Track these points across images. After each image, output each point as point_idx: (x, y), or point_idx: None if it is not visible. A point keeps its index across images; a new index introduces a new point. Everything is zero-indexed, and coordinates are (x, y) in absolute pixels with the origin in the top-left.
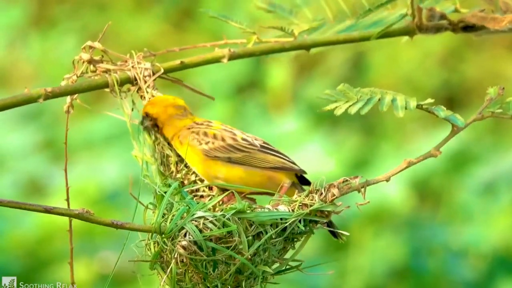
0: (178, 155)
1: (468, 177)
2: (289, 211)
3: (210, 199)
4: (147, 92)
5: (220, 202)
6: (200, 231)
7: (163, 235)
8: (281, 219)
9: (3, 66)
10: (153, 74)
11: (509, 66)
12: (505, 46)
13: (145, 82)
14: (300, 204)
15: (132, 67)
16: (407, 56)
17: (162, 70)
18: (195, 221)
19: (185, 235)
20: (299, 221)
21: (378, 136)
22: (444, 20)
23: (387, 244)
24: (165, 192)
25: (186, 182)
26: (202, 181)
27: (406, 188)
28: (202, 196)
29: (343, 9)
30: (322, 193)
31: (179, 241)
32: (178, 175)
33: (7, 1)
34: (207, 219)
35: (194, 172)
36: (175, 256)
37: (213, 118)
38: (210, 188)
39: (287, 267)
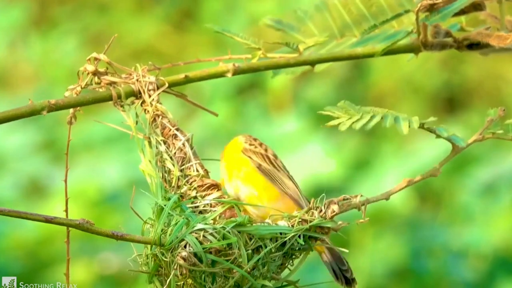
0: (180, 170)
1: (469, 178)
2: (289, 226)
3: (209, 215)
4: (151, 105)
5: (222, 216)
6: (200, 243)
7: (162, 247)
8: (280, 233)
9: (3, 67)
10: (158, 88)
11: (510, 67)
12: None
13: (150, 96)
14: (300, 219)
15: (137, 80)
16: (407, 57)
17: (167, 85)
18: (195, 233)
19: (185, 247)
20: (299, 237)
21: (378, 137)
22: (449, 38)
23: (388, 245)
24: (165, 205)
25: (186, 198)
26: (202, 197)
27: (406, 189)
28: (201, 212)
29: (348, 23)
30: (322, 210)
31: (179, 252)
32: (179, 191)
33: (8, 2)
34: (207, 231)
35: (195, 188)
36: (175, 267)
37: (214, 119)
38: (211, 206)
39: (284, 283)
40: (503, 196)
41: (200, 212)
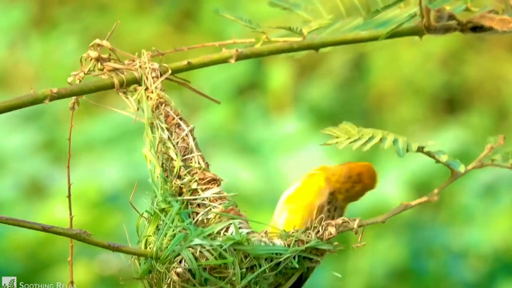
0: (182, 160)
1: (469, 179)
2: (285, 245)
3: (208, 209)
4: (154, 92)
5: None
6: (196, 259)
7: (158, 260)
8: (276, 254)
9: (3, 67)
10: (161, 75)
11: (510, 67)
12: (505, 47)
13: (153, 82)
14: (297, 239)
15: (140, 66)
16: (408, 58)
17: (170, 71)
18: (192, 248)
19: (180, 262)
20: (293, 257)
21: None
22: (453, 21)
23: (388, 245)
24: (163, 209)
25: (185, 190)
26: (203, 190)
27: (406, 190)
28: (199, 206)
29: (356, 5)
30: (319, 231)
31: (174, 267)
32: (179, 182)
33: (8, 2)
34: (204, 247)
35: (196, 181)
36: (168, 281)
37: (214, 119)
38: (211, 200)
39: None
40: (503, 197)
41: (198, 206)
